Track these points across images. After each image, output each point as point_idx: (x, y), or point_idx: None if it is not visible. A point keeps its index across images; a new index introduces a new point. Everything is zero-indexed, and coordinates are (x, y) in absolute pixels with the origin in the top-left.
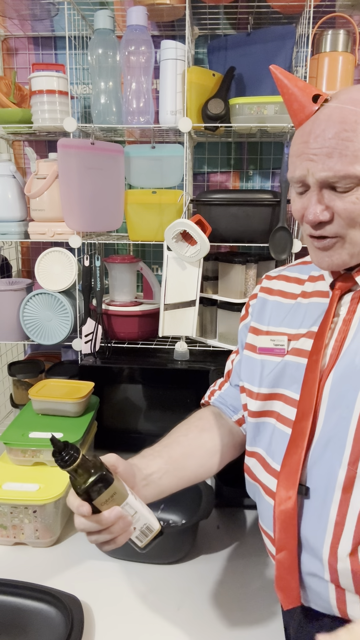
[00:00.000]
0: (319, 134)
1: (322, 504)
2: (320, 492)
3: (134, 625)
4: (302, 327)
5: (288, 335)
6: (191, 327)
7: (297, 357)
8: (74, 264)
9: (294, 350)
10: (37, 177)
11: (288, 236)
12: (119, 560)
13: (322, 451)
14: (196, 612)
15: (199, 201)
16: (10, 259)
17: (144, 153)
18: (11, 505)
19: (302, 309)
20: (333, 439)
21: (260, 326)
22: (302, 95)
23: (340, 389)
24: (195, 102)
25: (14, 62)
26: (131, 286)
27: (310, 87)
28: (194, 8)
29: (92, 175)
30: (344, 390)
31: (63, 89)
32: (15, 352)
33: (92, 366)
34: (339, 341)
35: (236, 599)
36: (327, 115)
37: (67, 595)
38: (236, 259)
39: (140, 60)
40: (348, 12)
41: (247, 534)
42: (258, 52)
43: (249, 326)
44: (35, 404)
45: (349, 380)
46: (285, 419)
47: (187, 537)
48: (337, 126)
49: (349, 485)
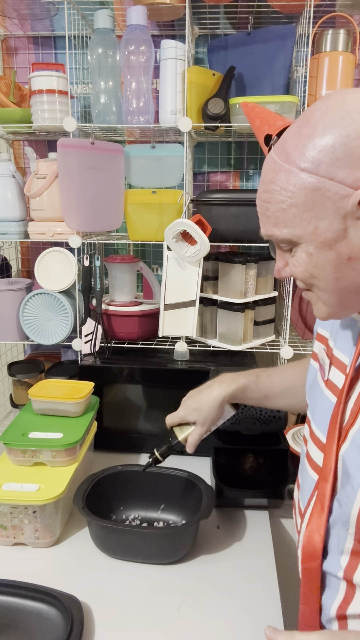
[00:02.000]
0: (259, 188)
1: (336, 567)
2: (334, 554)
3: (134, 625)
4: (338, 344)
5: (326, 347)
6: (191, 327)
7: (328, 392)
8: (74, 264)
9: (329, 382)
10: (37, 176)
11: None
12: (119, 560)
13: (337, 518)
14: (196, 612)
15: (199, 201)
16: (10, 258)
17: (143, 153)
18: (11, 506)
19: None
20: (344, 514)
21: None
22: (259, 137)
23: (352, 460)
24: (195, 101)
25: (14, 62)
26: (131, 286)
27: (265, 123)
28: (194, 7)
29: (92, 175)
30: (355, 464)
31: (63, 89)
32: (15, 352)
33: (92, 366)
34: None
35: (236, 599)
36: (264, 166)
37: (67, 595)
38: (236, 259)
39: (140, 60)
40: (348, 11)
41: (247, 534)
42: (258, 51)
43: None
44: (35, 404)
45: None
46: None
47: (187, 537)
48: (263, 185)
49: (358, 553)
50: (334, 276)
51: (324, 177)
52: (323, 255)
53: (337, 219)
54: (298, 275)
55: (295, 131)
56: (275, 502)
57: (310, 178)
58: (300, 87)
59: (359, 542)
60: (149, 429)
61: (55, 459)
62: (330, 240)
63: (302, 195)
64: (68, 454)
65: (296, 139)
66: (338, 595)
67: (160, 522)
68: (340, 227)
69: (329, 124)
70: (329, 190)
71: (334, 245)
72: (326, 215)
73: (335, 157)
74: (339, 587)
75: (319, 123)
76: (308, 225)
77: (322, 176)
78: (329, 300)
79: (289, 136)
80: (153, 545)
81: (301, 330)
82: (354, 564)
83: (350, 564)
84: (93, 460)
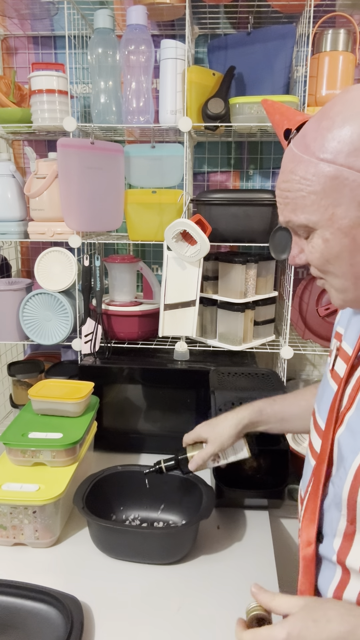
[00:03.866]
0: (278, 178)
1: (330, 550)
2: (329, 538)
3: (134, 625)
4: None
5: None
6: (191, 327)
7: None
8: (74, 263)
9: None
10: (37, 176)
11: (288, 236)
12: (119, 560)
13: (332, 500)
14: (196, 612)
15: (199, 201)
16: (10, 258)
17: (143, 153)
18: (11, 506)
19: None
20: (337, 495)
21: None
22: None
23: (347, 443)
24: (195, 101)
25: (14, 62)
26: (131, 286)
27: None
28: (194, 7)
29: (91, 175)
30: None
31: (63, 89)
32: (15, 352)
33: (92, 366)
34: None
35: (236, 599)
36: (284, 158)
37: (66, 595)
38: (236, 258)
39: (140, 60)
40: (348, 11)
41: (247, 534)
42: (258, 51)
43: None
44: (35, 404)
45: (354, 437)
46: None
47: (187, 537)
48: (282, 175)
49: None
50: (348, 262)
51: (343, 166)
52: (338, 241)
53: (354, 206)
54: (314, 262)
55: (315, 124)
56: (275, 502)
57: (329, 167)
58: (300, 87)
59: (350, 524)
60: (149, 429)
61: (55, 459)
62: (346, 227)
63: (320, 183)
64: (68, 454)
65: (315, 132)
66: (334, 580)
67: (160, 522)
68: (356, 214)
69: (348, 117)
70: (347, 179)
71: (350, 231)
72: (343, 202)
73: (354, 147)
74: (334, 572)
75: (338, 115)
76: (325, 212)
77: (340, 165)
78: (343, 286)
79: (308, 129)
80: (153, 545)
81: (301, 330)
82: (346, 546)
83: (342, 546)
84: (93, 460)
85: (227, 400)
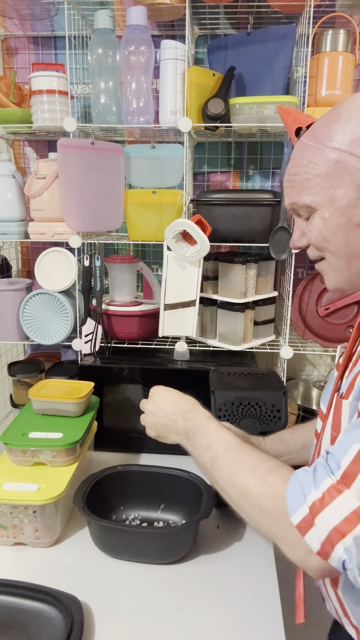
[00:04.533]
0: (287, 166)
1: None
2: None
3: (134, 625)
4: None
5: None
6: (191, 327)
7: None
8: (74, 264)
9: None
10: (37, 177)
11: (288, 236)
12: (119, 560)
13: None
14: (196, 612)
15: (199, 201)
16: (10, 259)
17: (144, 153)
18: (11, 506)
19: None
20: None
21: None
22: (290, 131)
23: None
24: (195, 102)
25: (14, 62)
26: (131, 286)
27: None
28: (194, 8)
29: (92, 175)
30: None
31: (63, 89)
32: (15, 352)
33: (92, 366)
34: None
35: (236, 599)
36: (294, 150)
37: (67, 595)
38: (236, 259)
39: (140, 60)
40: (348, 11)
41: (247, 534)
42: (258, 52)
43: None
44: (35, 404)
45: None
46: None
47: (187, 537)
48: (291, 162)
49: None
50: (343, 240)
51: (346, 152)
52: (336, 220)
53: (352, 188)
54: (312, 239)
55: (324, 119)
56: None
57: (333, 153)
58: (300, 87)
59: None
60: None
61: (55, 459)
62: (344, 207)
63: (325, 166)
64: (68, 454)
65: (324, 125)
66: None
67: (160, 522)
68: (354, 196)
69: (354, 112)
70: (348, 163)
71: (347, 211)
72: (343, 184)
73: (355, 136)
74: None
75: (345, 111)
76: (327, 193)
77: (344, 151)
78: (337, 265)
79: (318, 124)
80: (153, 545)
81: (301, 330)
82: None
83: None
84: (93, 460)
85: (227, 400)
